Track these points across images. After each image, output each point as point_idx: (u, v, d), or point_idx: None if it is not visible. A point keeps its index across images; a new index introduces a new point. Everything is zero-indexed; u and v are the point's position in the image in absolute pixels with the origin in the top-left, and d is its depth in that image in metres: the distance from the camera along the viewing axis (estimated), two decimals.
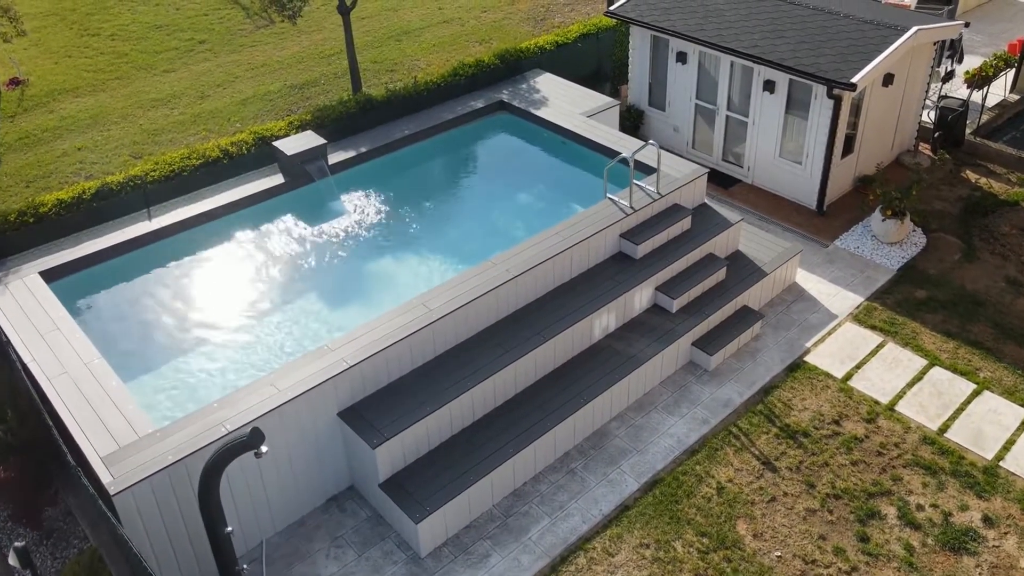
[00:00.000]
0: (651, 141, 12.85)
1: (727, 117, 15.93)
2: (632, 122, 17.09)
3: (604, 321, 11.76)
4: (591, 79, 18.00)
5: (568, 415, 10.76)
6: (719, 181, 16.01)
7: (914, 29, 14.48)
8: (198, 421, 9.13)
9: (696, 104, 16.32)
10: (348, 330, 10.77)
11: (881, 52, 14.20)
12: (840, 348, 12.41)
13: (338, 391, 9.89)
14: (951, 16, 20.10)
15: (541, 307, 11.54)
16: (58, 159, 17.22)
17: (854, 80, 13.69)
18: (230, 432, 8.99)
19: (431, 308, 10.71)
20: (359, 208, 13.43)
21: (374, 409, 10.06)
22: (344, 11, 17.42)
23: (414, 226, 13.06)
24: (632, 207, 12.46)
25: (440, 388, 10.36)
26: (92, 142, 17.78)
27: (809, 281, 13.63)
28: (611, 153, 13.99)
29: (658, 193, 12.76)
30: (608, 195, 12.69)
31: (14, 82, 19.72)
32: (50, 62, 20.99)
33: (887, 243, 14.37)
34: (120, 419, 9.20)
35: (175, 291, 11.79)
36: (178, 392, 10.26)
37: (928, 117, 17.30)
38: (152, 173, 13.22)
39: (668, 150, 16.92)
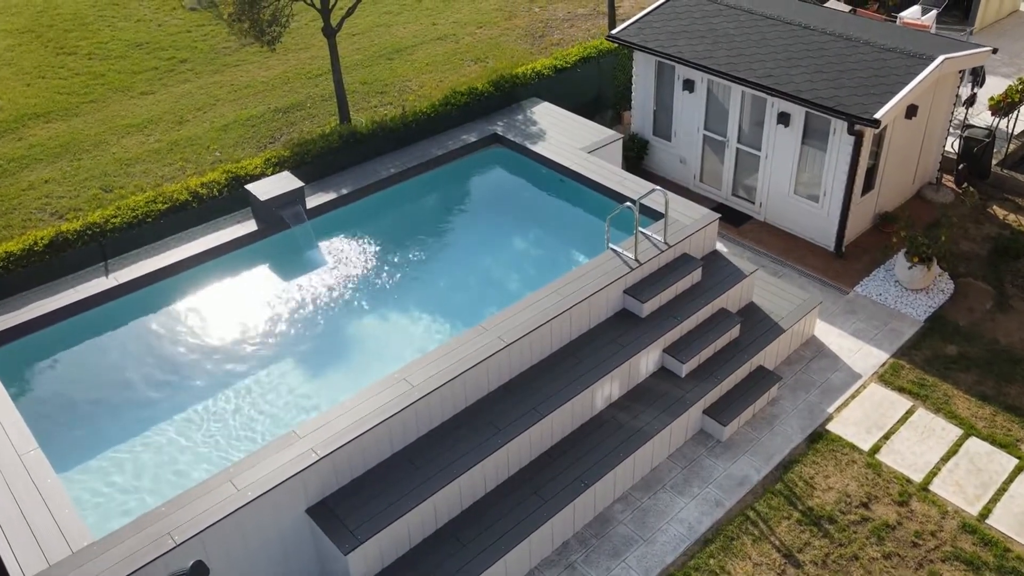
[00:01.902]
0: (658, 188, 11.56)
1: (738, 150, 14.64)
2: (635, 152, 15.80)
3: (607, 390, 10.49)
4: (592, 105, 16.69)
5: (567, 502, 9.49)
6: (729, 218, 14.72)
7: (941, 58, 13.17)
8: (142, 531, 7.86)
9: (704, 135, 15.01)
10: (320, 410, 9.51)
11: (906, 84, 12.90)
12: (866, 414, 11.13)
13: (307, 487, 8.63)
14: (969, 32, 18.77)
15: (537, 376, 10.27)
16: (23, 193, 15.93)
17: (877, 116, 12.40)
18: (178, 545, 7.72)
19: (414, 384, 9.44)
20: (337, 259, 12.12)
21: (348, 504, 8.79)
22: (329, 33, 16.10)
23: (398, 279, 11.77)
24: (637, 260, 11.17)
25: (423, 477, 9.09)
26: (61, 173, 16.49)
27: (829, 334, 12.34)
28: (613, 194, 12.71)
29: (666, 243, 11.47)
30: (611, 245, 11.41)
31: None
32: (22, 84, 19.69)
33: (912, 289, 13.09)
34: (53, 528, 7.93)
35: (129, 361, 10.49)
36: (125, 484, 8.99)
37: (951, 147, 16.01)
38: (113, 220, 11.93)
39: (673, 183, 15.66)
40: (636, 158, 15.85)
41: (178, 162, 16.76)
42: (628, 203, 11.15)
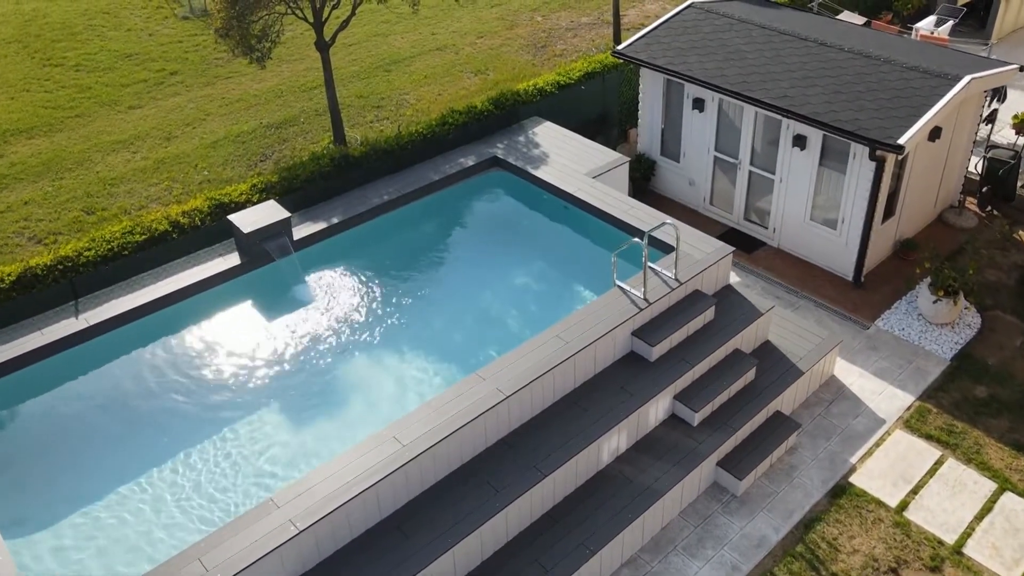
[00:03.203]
0: (669, 220, 10.68)
1: (750, 172, 13.73)
2: (642, 173, 14.90)
3: (614, 443, 9.62)
4: (596, 123, 15.78)
5: (571, 572, 8.63)
6: (740, 243, 13.82)
7: (967, 79, 12.26)
8: None
9: (715, 156, 14.11)
10: (301, 470, 8.65)
11: (930, 107, 11.99)
12: (891, 465, 10.25)
13: (285, 563, 7.76)
14: (989, 46, 17.83)
15: (538, 429, 9.40)
16: (0, 215, 15.07)
17: (901, 141, 11.49)
18: None
19: (404, 443, 8.58)
20: (325, 295, 11.24)
21: None
22: (322, 47, 15.22)
23: (388, 318, 10.88)
24: (646, 299, 10.29)
25: (414, 547, 8.22)
26: (42, 194, 15.62)
27: (850, 374, 11.45)
28: (620, 224, 11.82)
29: (677, 280, 10.59)
30: (617, 282, 10.53)
31: None
32: (6, 97, 18.81)
33: (937, 324, 12.19)
34: None
35: (91, 412, 9.58)
36: (74, 559, 8.11)
37: (974, 168, 15.10)
38: (86, 253, 11.06)
39: (682, 204, 14.77)
40: (643, 179, 14.95)
41: (164, 181, 15.89)
42: (636, 239, 10.27)
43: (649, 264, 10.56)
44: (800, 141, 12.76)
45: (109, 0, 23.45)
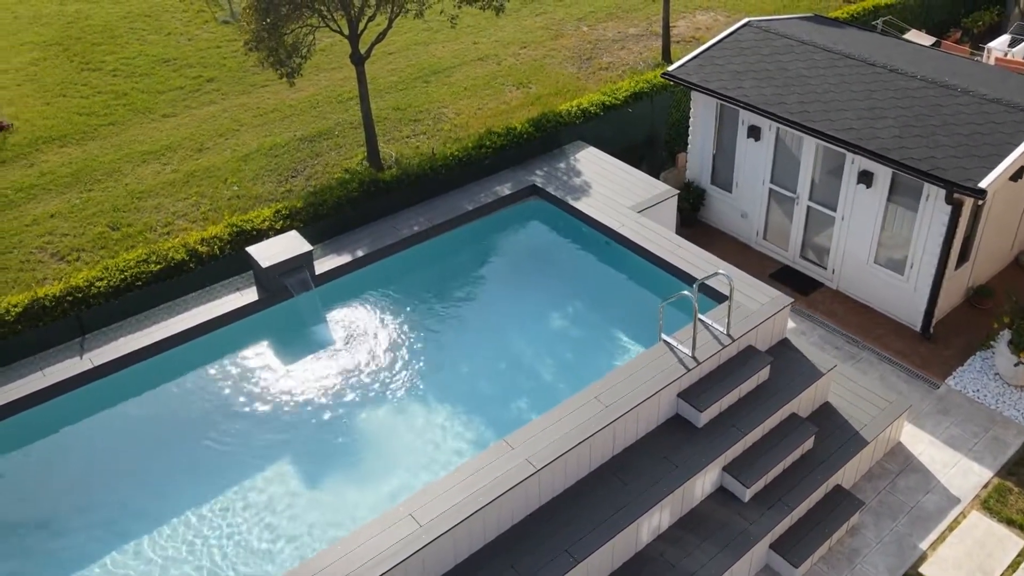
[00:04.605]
0: (722, 270, 9.44)
1: (809, 208, 12.39)
2: (691, 203, 13.62)
3: (655, 520, 8.44)
4: (643, 146, 14.53)
5: None
6: (795, 283, 12.51)
7: None
8: None
9: (770, 188, 12.79)
10: (306, 554, 7.62)
11: (1015, 145, 10.56)
12: (968, 553, 8.93)
13: None
14: None
15: (571, 503, 8.26)
16: (25, 228, 14.28)
17: (983, 185, 10.10)
18: None
19: (421, 523, 7.50)
20: (342, 338, 10.15)
21: None
22: (357, 61, 14.20)
23: (411, 367, 9.76)
24: (695, 358, 9.08)
25: None
26: (68, 206, 14.82)
27: (919, 442, 10.11)
28: (666, 266, 10.61)
29: (729, 336, 9.35)
30: (664, 336, 9.33)
31: None
32: (41, 102, 18.09)
33: (1016, 386, 10.79)
34: None
35: (88, 468, 8.62)
36: None
37: None
38: (98, 283, 10.16)
39: (732, 237, 13.46)
40: (691, 208, 13.68)
41: (193, 196, 14.99)
42: (686, 291, 9.06)
43: (700, 317, 9.34)
44: (866, 177, 11.40)
45: (152, 3, 22.69)
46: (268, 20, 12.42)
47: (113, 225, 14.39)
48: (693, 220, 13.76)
